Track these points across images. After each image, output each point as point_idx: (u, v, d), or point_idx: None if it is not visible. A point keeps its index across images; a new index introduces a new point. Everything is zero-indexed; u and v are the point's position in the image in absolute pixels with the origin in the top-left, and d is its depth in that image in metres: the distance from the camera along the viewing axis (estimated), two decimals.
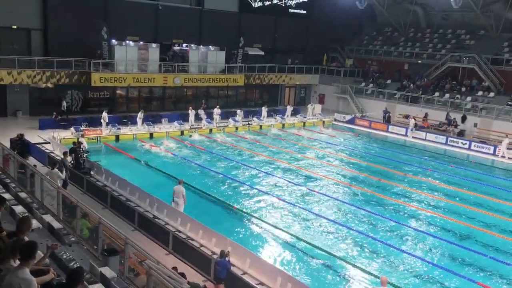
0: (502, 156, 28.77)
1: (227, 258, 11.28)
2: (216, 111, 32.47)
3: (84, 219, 10.43)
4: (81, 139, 21.63)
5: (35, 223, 9.01)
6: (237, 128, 32.54)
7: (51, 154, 21.02)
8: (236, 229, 15.90)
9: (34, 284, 5.47)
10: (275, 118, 35.82)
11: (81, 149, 19.49)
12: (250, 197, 19.28)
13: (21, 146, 18.87)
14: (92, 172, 19.24)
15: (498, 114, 33.14)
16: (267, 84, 41.29)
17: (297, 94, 45.37)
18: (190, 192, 18.57)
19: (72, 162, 18.75)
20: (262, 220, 16.78)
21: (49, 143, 23.43)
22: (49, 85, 30.10)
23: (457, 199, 20.72)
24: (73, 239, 9.06)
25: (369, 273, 13.37)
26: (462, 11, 40.26)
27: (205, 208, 17.71)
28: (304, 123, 36.57)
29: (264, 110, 35.35)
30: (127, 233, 9.89)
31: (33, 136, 23.92)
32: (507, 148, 28.89)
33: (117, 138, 26.97)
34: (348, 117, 38.19)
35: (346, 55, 47.64)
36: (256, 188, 20.27)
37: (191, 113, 30.96)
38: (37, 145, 22.28)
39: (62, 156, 17.41)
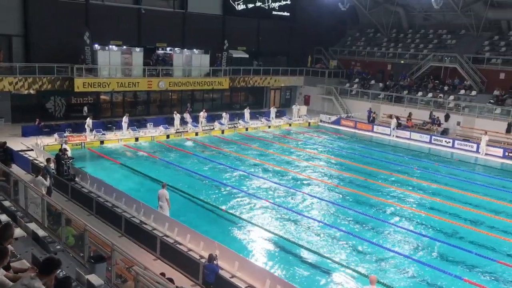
0: (486, 154, 29.30)
1: (215, 262, 11.24)
2: (203, 114, 32.43)
3: (70, 226, 10.30)
4: (65, 146, 21.42)
5: (19, 232, 8.88)
6: (223, 131, 32.52)
7: (35, 161, 20.75)
8: (224, 232, 15.85)
9: None
10: (261, 121, 35.90)
11: (66, 155, 19.31)
12: (237, 199, 19.24)
13: (4, 154, 18.58)
14: (77, 179, 19.04)
15: (480, 112, 33.64)
16: (252, 87, 41.33)
17: (283, 96, 45.50)
18: (177, 196, 18.55)
19: (53, 169, 18.53)
20: (250, 222, 16.77)
21: (32, 150, 23.15)
22: (32, 91, 29.72)
23: (442, 197, 20.93)
24: (58, 247, 8.93)
25: (358, 272, 13.43)
26: (443, 11, 40.85)
27: (193, 211, 17.64)
28: (290, 124, 36.74)
29: (247, 112, 35.40)
30: (113, 240, 9.80)
31: (16, 143, 23.58)
32: (487, 145, 29.46)
33: (102, 143, 26.79)
34: (333, 118, 38.45)
35: (330, 57, 47.95)
36: (243, 191, 20.26)
37: (176, 117, 30.87)
38: (20, 153, 21.98)
39: (46, 163, 17.20)
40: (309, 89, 44.52)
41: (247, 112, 35.43)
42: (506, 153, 28.86)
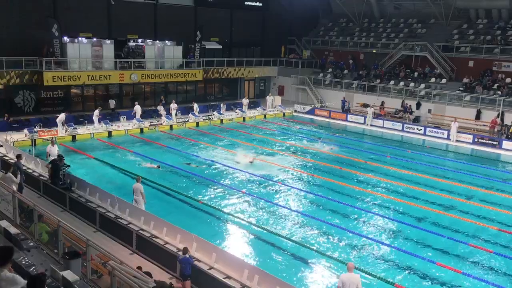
0: (457, 140, 29.97)
1: (187, 255, 11.23)
2: (173, 106, 32.13)
3: (43, 223, 10.12)
4: (59, 152, 19.56)
5: None
6: (197, 123, 32.34)
7: (5, 157, 20.22)
8: (201, 224, 15.81)
9: (19, 279, 5.50)
10: (236, 112, 35.83)
11: (63, 162, 17.96)
12: (214, 191, 19.21)
13: None
14: (73, 188, 16.91)
15: (451, 100, 34.34)
16: (226, 78, 41.13)
17: (257, 87, 45.45)
18: (153, 190, 18.40)
19: (49, 177, 17.41)
20: (227, 214, 16.78)
21: (1, 146, 22.54)
22: None
23: (415, 183, 21.36)
24: (31, 244, 8.77)
25: (335, 260, 13.62)
26: (413, 1, 41.47)
27: (169, 204, 17.53)
28: (265, 115, 36.78)
29: (223, 107, 35.35)
30: (88, 235, 9.69)
31: None
32: (457, 132, 30.14)
33: (74, 138, 26.32)
34: (307, 108, 38.68)
35: (303, 47, 48.05)
36: (220, 182, 20.24)
37: (137, 107, 30.35)
38: None
39: (16, 159, 16.76)
40: (283, 79, 44.60)
41: (223, 107, 35.37)
42: (476, 139, 29.61)
